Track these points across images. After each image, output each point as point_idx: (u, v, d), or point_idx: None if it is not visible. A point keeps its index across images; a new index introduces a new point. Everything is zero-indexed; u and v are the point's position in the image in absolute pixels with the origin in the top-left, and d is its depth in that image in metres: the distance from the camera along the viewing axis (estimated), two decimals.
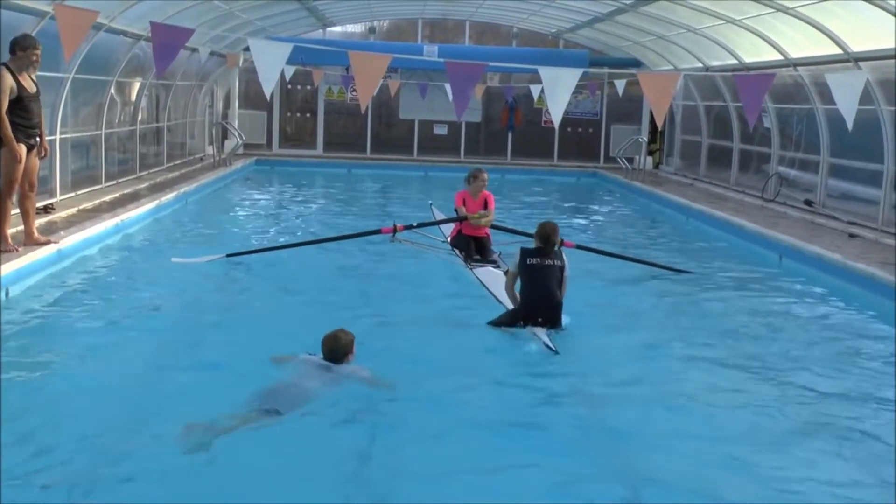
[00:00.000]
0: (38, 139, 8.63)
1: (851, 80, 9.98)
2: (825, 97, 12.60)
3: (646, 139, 21.54)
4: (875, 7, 10.40)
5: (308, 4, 17.87)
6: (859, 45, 11.95)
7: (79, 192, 12.45)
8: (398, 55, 10.04)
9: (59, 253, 9.06)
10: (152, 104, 16.75)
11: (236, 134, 20.19)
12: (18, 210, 8.92)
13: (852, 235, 11.76)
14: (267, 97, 16.93)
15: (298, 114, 23.59)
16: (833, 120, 13.18)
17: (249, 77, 21.11)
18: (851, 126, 9.72)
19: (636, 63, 20.54)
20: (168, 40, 8.64)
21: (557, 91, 9.32)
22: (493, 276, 8.83)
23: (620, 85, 16.51)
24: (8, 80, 8.10)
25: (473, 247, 9.88)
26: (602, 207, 17.42)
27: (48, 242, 8.97)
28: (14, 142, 8.21)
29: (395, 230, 9.42)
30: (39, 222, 9.82)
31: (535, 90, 18.83)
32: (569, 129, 23.17)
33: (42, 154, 8.77)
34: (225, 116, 21.65)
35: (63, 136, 11.81)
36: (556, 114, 9.35)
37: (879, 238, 11.46)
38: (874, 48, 11.57)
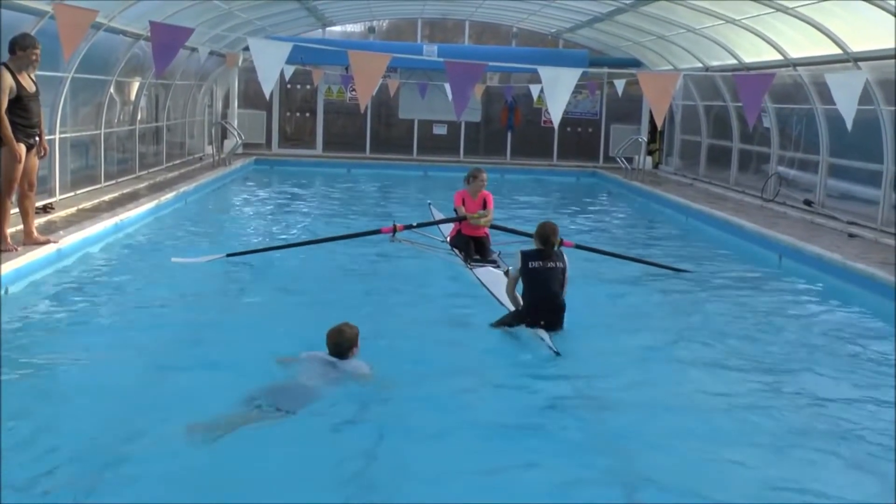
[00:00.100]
0: (38, 139, 8.63)
1: (851, 80, 9.98)
2: (825, 97, 12.60)
3: (645, 139, 21.54)
4: (875, 7, 10.40)
5: (308, 4, 17.86)
6: (859, 45, 11.95)
7: (78, 192, 12.45)
8: (398, 55, 10.03)
9: (59, 252, 9.06)
10: (152, 104, 16.74)
11: (236, 133, 20.18)
12: (18, 209, 8.92)
13: (852, 235, 11.76)
14: (266, 97, 16.92)
15: (298, 113, 23.59)
16: (832, 120, 13.18)
17: (249, 77, 21.12)
18: (851, 126, 9.72)
19: (636, 63, 20.54)
20: (167, 40, 8.65)
21: (557, 91, 9.32)
22: (493, 276, 8.83)
23: (620, 85, 16.49)
24: (7, 80, 8.09)
25: (473, 247, 9.88)
26: (601, 207, 17.41)
27: (47, 242, 8.97)
28: (13, 141, 8.21)
29: (395, 230, 9.41)
30: (39, 222, 9.83)
31: (535, 90, 18.84)
32: (568, 129, 23.17)
33: (41, 153, 8.77)
34: (224, 116, 21.64)
35: (62, 136, 11.81)
36: (556, 114, 9.35)
37: (879, 238, 11.46)
38: (874, 48, 11.57)
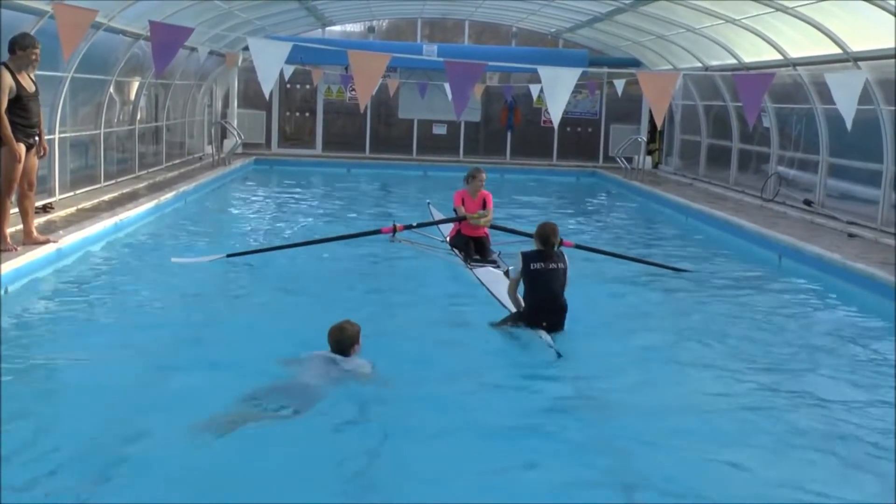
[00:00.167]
0: (37, 138, 8.63)
1: (851, 80, 9.98)
2: (824, 97, 12.59)
3: (645, 139, 21.54)
4: (874, 7, 10.40)
5: (307, 4, 17.85)
6: (859, 45, 11.95)
7: (78, 192, 12.44)
8: (397, 55, 10.03)
9: (58, 252, 9.06)
10: (151, 103, 16.74)
11: (235, 133, 20.18)
12: (17, 209, 8.92)
13: (851, 235, 11.76)
14: (266, 96, 16.95)
15: (297, 113, 23.58)
16: (832, 120, 13.18)
17: (248, 76, 21.12)
18: (850, 126, 9.72)
19: (635, 63, 20.53)
20: (167, 39, 8.64)
21: (557, 91, 9.32)
22: (493, 276, 8.82)
23: (620, 85, 16.49)
24: (7, 80, 8.09)
25: (472, 247, 9.88)
26: (601, 207, 17.41)
27: (47, 241, 8.97)
28: (13, 141, 8.21)
29: (395, 230, 9.40)
30: (38, 221, 9.83)
31: (535, 90, 18.86)
32: (568, 129, 23.16)
33: (41, 153, 8.77)
34: (224, 116, 21.63)
35: (62, 136, 11.80)
36: (556, 113, 9.34)
37: (879, 238, 11.46)
38: (873, 48, 11.57)
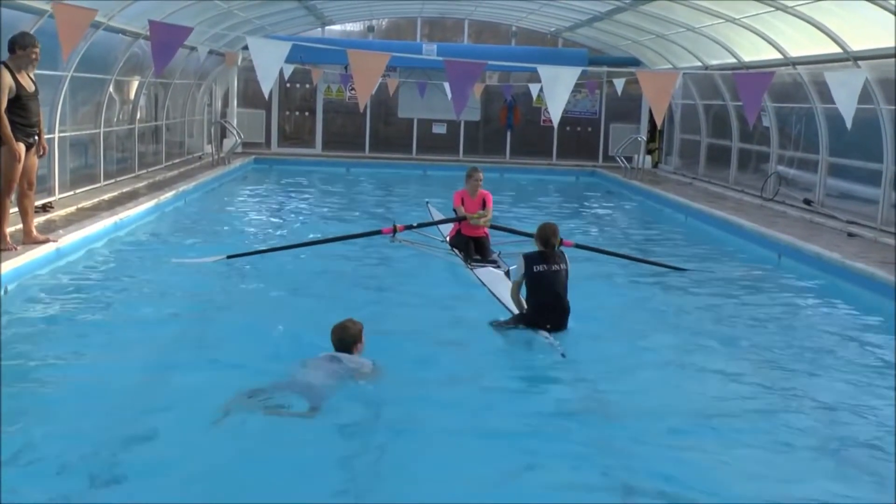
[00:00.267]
0: (37, 138, 8.63)
1: (850, 79, 9.97)
2: (824, 96, 12.59)
3: (645, 138, 21.54)
4: (874, 6, 10.40)
5: (307, 3, 17.84)
6: (858, 44, 11.95)
7: (77, 191, 12.44)
8: (397, 54, 10.02)
9: (58, 251, 9.06)
10: (151, 103, 16.73)
11: (235, 132, 20.17)
12: (17, 209, 8.92)
13: (851, 234, 11.76)
14: (265, 96, 16.99)
15: (297, 112, 23.57)
16: (832, 119, 13.18)
17: (248, 76, 21.12)
18: (850, 125, 9.72)
19: (635, 62, 20.53)
20: (166, 39, 8.64)
21: (556, 90, 9.31)
22: (494, 276, 8.82)
23: (619, 84, 16.49)
24: (7, 79, 8.09)
25: (473, 247, 9.87)
26: (601, 206, 17.40)
27: (47, 241, 8.97)
28: (13, 140, 8.20)
29: (396, 230, 9.39)
30: (38, 221, 9.83)
31: (534, 89, 18.87)
32: (568, 128, 23.16)
33: (40, 153, 8.76)
34: (224, 115, 21.62)
35: (62, 135, 11.80)
36: (555, 113, 9.33)
37: (878, 237, 11.46)
38: (873, 47, 11.57)
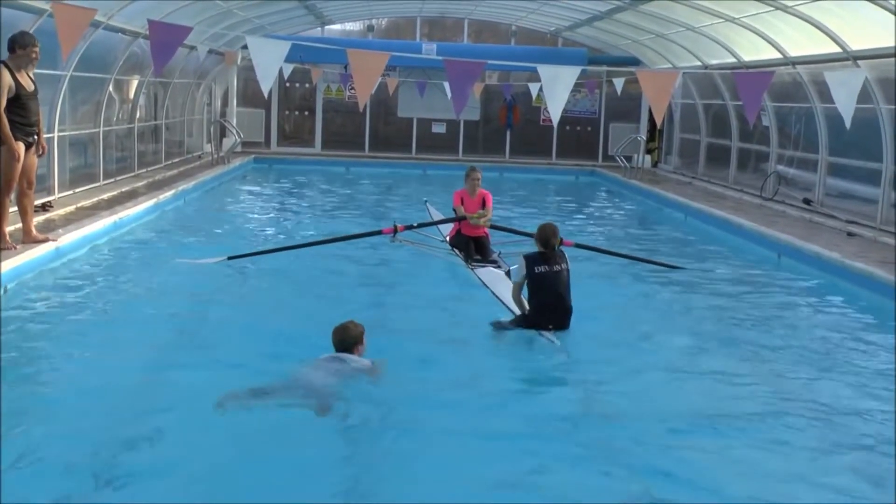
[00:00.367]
0: (37, 137, 8.62)
1: (850, 79, 9.97)
2: (824, 95, 12.60)
3: (644, 138, 21.54)
4: (874, 6, 10.40)
5: (306, 2, 17.84)
6: (858, 44, 11.95)
7: (77, 190, 12.44)
8: (397, 53, 10.02)
9: (58, 251, 9.06)
10: (150, 102, 16.73)
11: (234, 132, 20.16)
12: (17, 208, 8.91)
13: (851, 234, 11.76)
14: (265, 95, 17.00)
15: (297, 112, 23.57)
16: (832, 118, 13.18)
17: (248, 75, 21.12)
18: (850, 124, 9.72)
19: (635, 61, 20.53)
20: (166, 38, 8.64)
21: (556, 89, 9.31)
22: (494, 276, 8.82)
23: (619, 83, 16.49)
24: (6, 79, 8.08)
25: (473, 247, 9.86)
26: (600, 206, 17.40)
27: (46, 240, 8.97)
28: (12, 140, 8.20)
29: (396, 230, 9.39)
30: (38, 220, 9.83)
31: (534, 88, 18.86)
32: (567, 128, 23.17)
33: (40, 152, 8.76)
34: (223, 114, 21.61)
35: (61, 134, 11.79)
36: (555, 112, 9.34)
37: (878, 237, 11.46)
38: (873, 46, 11.57)
